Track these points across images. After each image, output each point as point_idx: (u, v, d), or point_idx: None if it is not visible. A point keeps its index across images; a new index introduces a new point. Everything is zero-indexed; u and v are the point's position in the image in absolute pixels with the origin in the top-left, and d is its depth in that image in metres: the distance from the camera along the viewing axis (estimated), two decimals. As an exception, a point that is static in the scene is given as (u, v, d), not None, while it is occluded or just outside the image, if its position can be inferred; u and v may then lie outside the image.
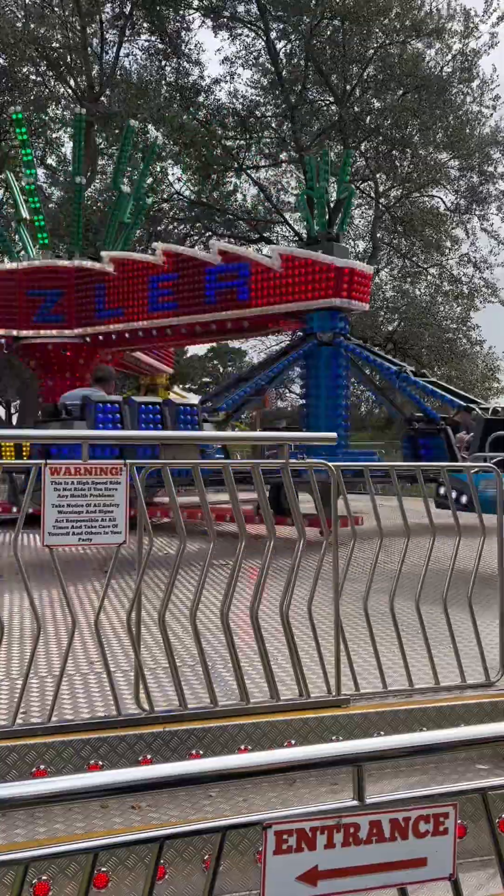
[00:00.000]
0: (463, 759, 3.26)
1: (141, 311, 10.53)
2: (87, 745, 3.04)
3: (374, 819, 1.60)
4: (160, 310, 10.30)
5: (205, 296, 9.81)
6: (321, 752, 1.62)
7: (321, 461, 3.78)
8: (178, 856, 2.69)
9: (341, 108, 24.87)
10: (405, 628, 3.80)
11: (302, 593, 3.70)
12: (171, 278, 10.17)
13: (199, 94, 26.18)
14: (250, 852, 2.74)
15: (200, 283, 9.87)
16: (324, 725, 3.29)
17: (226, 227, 28.12)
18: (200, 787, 2.94)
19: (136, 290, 10.54)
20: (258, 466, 3.51)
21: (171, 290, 10.16)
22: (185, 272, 10.08)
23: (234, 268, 9.65)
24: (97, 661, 3.84)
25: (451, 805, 1.65)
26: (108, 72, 25.61)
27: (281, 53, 25.81)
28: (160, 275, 10.31)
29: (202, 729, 3.18)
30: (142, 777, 1.60)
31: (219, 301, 9.71)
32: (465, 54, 24.91)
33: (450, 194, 27.08)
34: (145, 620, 3.57)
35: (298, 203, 12.94)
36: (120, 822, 2.80)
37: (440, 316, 26.60)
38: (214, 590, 5.16)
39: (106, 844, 1.54)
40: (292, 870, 1.54)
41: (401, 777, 3.12)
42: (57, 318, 11.29)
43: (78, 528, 3.10)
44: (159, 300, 10.27)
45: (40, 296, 11.31)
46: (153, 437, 4.59)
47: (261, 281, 9.46)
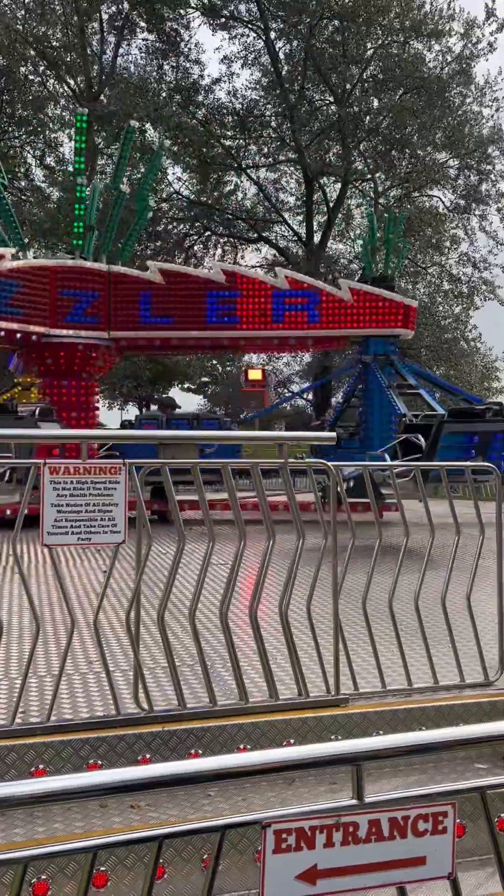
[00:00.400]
0: (462, 759, 3.26)
1: (197, 321, 11.79)
2: (87, 744, 3.04)
3: (373, 818, 1.60)
4: (218, 322, 11.82)
5: (271, 315, 11.77)
6: (319, 752, 1.61)
7: (320, 461, 3.78)
8: (177, 855, 2.69)
9: (340, 108, 24.85)
10: (404, 628, 3.80)
11: (301, 593, 3.70)
12: (232, 295, 11.79)
13: (198, 93, 26.15)
14: (249, 851, 2.74)
15: (267, 303, 11.79)
16: (323, 725, 3.29)
17: (225, 226, 28.11)
18: (199, 787, 2.95)
19: (191, 302, 11.80)
20: (257, 466, 3.51)
21: (233, 306, 11.78)
22: (250, 292, 11.88)
23: (304, 294, 11.86)
24: (96, 660, 3.84)
25: (450, 804, 1.65)
26: (107, 71, 25.60)
27: (280, 53, 25.80)
28: (219, 291, 11.79)
29: (201, 728, 3.18)
30: (140, 776, 1.60)
31: (287, 321, 11.78)
32: (463, 57, 24.90)
33: (449, 194, 27.10)
34: (144, 620, 3.57)
35: (362, 251, 15.59)
36: (119, 822, 2.81)
37: (440, 315, 26.59)
38: (214, 589, 5.17)
39: (104, 844, 1.53)
40: (291, 869, 1.53)
41: (400, 776, 3.13)
42: (91, 320, 11.62)
43: (77, 528, 3.10)
44: (218, 314, 11.80)
45: (74, 296, 11.53)
46: (152, 436, 4.59)
47: (330, 308, 11.76)
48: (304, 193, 27.14)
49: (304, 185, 27.05)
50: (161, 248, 26.85)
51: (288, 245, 28.51)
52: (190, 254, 28.22)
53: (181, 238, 27.70)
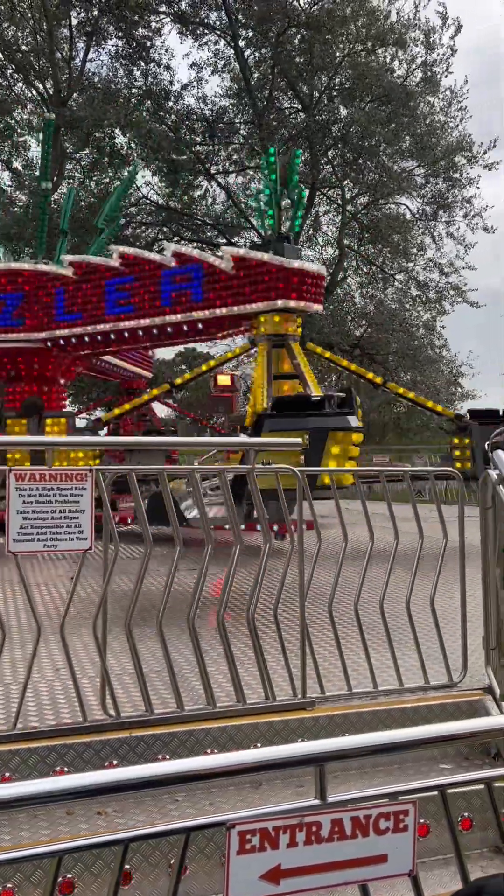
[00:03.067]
0: (426, 760, 3.31)
1: (97, 314, 10.40)
2: (53, 751, 3.04)
3: (336, 818, 1.63)
4: (116, 312, 10.21)
5: (160, 298, 9.77)
6: (284, 753, 1.64)
7: (287, 466, 3.82)
8: (144, 861, 2.70)
9: (308, 115, 25.05)
10: (370, 631, 3.84)
11: (269, 597, 3.73)
12: (128, 281, 10.08)
13: (168, 98, 26.18)
14: (216, 855, 2.75)
15: (157, 286, 9.81)
16: (289, 728, 3.32)
17: (193, 231, 28.12)
18: (166, 791, 2.95)
19: (94, 294, 10.42)
20: (224, 472, 3.54)
21: (129, 293, 10.06)
22: (142, 275, 10.03)
23: (188, 270, 9.64)
24: (63, 667, 3.83)
25: (411, 803, 1.68)
26: (76, 76, 25.51)
27: (249, 61, 25.91)
28: (117, 278, 10.19)
29: (168, 734, 3.19)
30: (107, 780, 1.61)
31: (173, 304, 9.68)
32: (427, 65, 25.26)
33: (416, 201, 27.41)
34: (111, 627, 3.57)
35: (252, 206, 13.00)
36: (86, 828, 2.80)
37: (407, 322, 26.86)
38: (182, 595, 5.17)
39: (69, 848, 1.54)
40: (255, 869, 1.56)
41: (365, 779, 3.16)
42: (18, 323, 11.05)
43: (43, 535, 3.10)
44: (117, 303, 10.18)
45: (2, 299, 11.06)
46: (120, 442, 4.59)
47: (213, 283, 9.40)
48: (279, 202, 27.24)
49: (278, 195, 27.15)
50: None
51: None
52: (158, 259, 28.16)
53: (150, 242, 27.65)
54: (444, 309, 27.64)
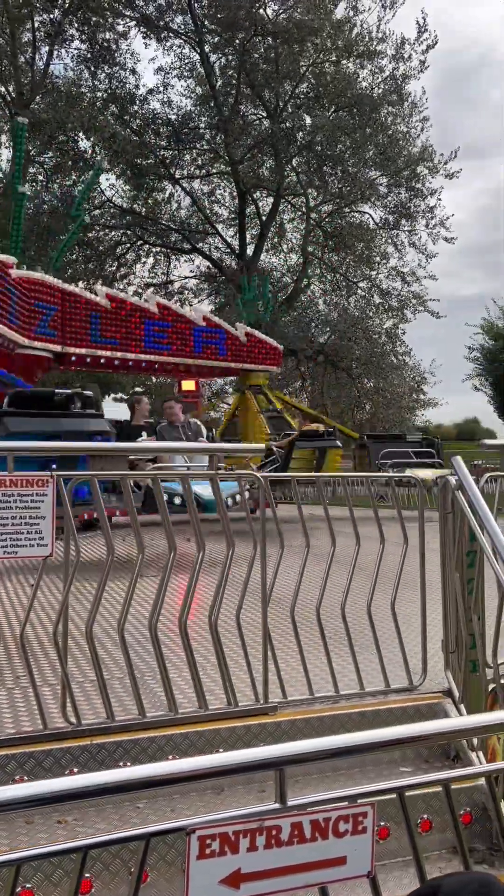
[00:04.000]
0: (387, 763, 3.34)
1: (134, 345, 13.43)
2: (13, 760, 3.00)
3: (296, 821, 1.64)
4: (154, 348, 13.72)
5: (193, 346, 14.25)
6: (243, 757, 1.65)
7: (249, 472, 3.83)
8: (104, 869, 2.68)
9: (273, 123, 25.18)
10: (331, 636, 3.87)
11: (231, 602, 3.73)
12: (165, 326, 13.81)
13: (133, 102, 26.10)
14: (178, 862, 2.74)
15: (190, 337, 14.21)
16: (251, 733, 3.33)
17: (158, 236, 28.07)
18: (128, 799, 2.94)
19: (131, 327, 13.39)
20: (188, 477, 3.54)
21: (166, 335, 13.85)
22: (177, 325, 14.04)
23: (215, 332, 14.66)
24: (23, 674, 3.79)
25: (370, 805, 1.70)
26: (38, 79, 25.32)
27: (215, 66, 25.97)
28: (156, 321, 13.66)
29: (130, 741, 3.18)
30: (66, 787, 1.60)
31: (204, 352, 14.48)
32: (395, 78, 25.55)
33: (379, 210, 27.70)
34: (72, 633, 3.54)
35: (236, 310, 18.91)
36: (45, 838, 2.77)
37: (370, 330, 27.11)
38: (143, 601, 5.15)
39: (27, 857, 1.53)
40: (215, 873, 1.56)
41: (326, 782, 3.18)
42: (51, 333, 12.19)
43: (3, 541, 3.07)
44: (154, 340, 13.65)
45: (43, 309, 11.95)
46: (82, 448, 4.57)
47: (231, 346, 14.99)
48: (238, 206, 27.36)
49: (237, 198, 27.26)
50: (91, 256, 26.65)
51: (221, 257, 28.66)
52: (122, 262, 28.07)
53: (112, 246, 27.52)
54: (406, 317, 27.98)
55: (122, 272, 27.78)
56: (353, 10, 25.32)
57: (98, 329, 12.89)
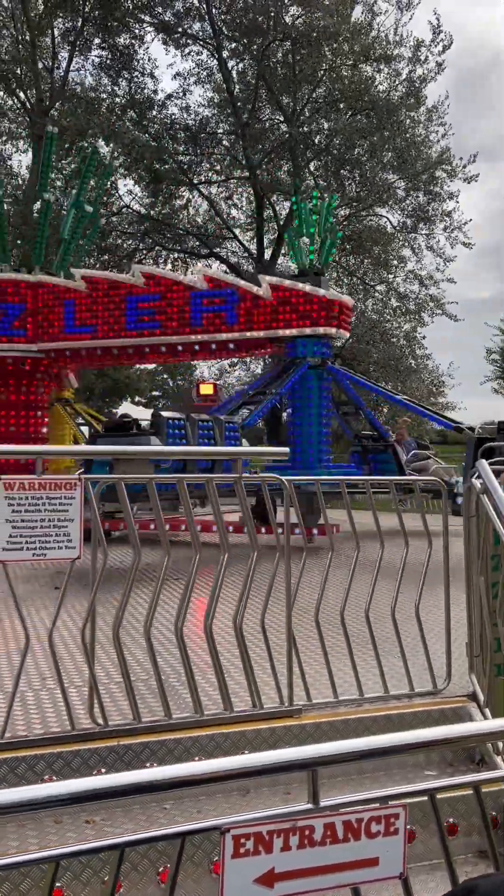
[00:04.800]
0: (412, 766, 3.34)
1: (117, 328, 10.91)
2: (41, 760, 3.04)
3: (328, 821, 1.65)
4: (140, 328, 10.77)
5: (190, 317, 10.49)
6: (276, 758, 1.66)
7: (273, 475, 3.85)
8: (132, 869, 2.70)
9: (291, 127, 25.23)
10: (355, 639, 3.88)
11: (256, 606, 3.75)
12: (153, 299, 10.69)
13: (152, 108, 26.26)
14: (205, 863, 2.76)
15: (187, 305, 10.51)
16: (277, 735, 3.34)
17: (175, 241, 28.18)
18: (156, 798, 2.97)
19: (112, 308, 10.94)
20: (212, 481, 3.57)
21: (154, 311, 10.67)
22: (168, 294, 10.65)
23: (222, 294, 10.45)
24: (50, 676, 3.83)
25: (402, 806, 1.71)
26: (59, 86, 25.53)
27: (233, 72, 26.08)
28: (139, 295, 10.77)
29: (156, 742, 3.20)
30: (97, 786, 1.62)
31: (206, 324, 10.45)
32: (412, 81, 25.50)
33: (396, 213, 27.66)
34: (98, 636, 3.57)
35: (287, 241, 13.83)
36: (74, 837, 2.80)
37: (388, 333, 27.06)
38: (169, 604, 5.18)
39: (67, 853, 1.55)
40: (250, 873, 1.58)
41: (352, 785, 3.19)
42: (19, 333, 11.38)
43: (32, 543, 3.11)
44: (140, 319, 10.76)
45: (2, 309, 11.36)
46: (110, 451, 4.60)
47: (249, 308, 10.24)
48: (255, 210, 27.43)
49: (254, 203, 27.32)
50: (110, 262, 26.80)
51: (239, 261, 28.72)
52: (140, 268, 28.18)
53: (130, 252, 27.66)
54: (423, 320, 27.89)
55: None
56: (370, 14, 25.35)
57: (73, 317, 11.18)
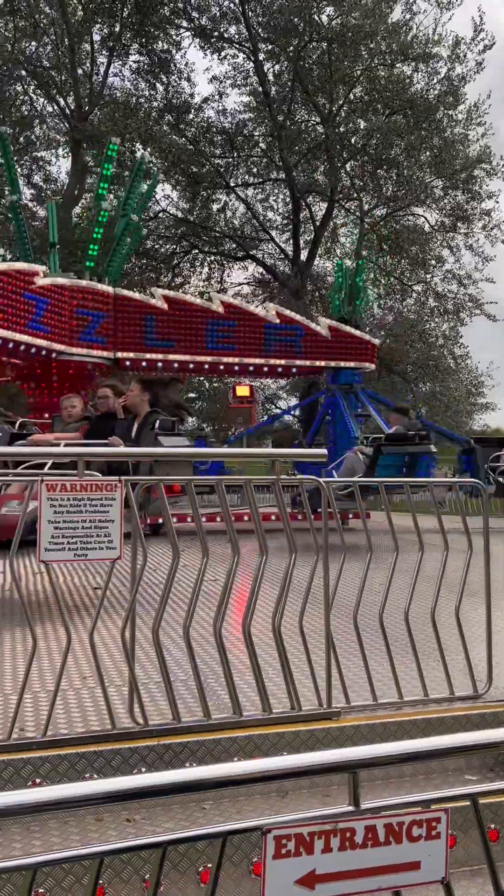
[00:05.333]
0: (452, 771, 3.32)
1: (195, 346, 12.83)
2: (83, 758, 3.07)
3: (370, 824, 1.65)
4: (218, 348, 12.99)
5: (263, 344, 13.26)
6: (317, 760, 1.67)
7: (312, 477, 3.85)
8: (173, 868, 2.72)
9: (327, 127, 25.18)
10: (394, 641, 3.86)
11: (293, 607, 3.75)
12: (229, 325, 13.02)
13: (188, 111, 26.42)
14: (244, 864, 2.77)
15: (260, 334, 13.21)
16: (315, 738, 3.34)
17: (212, 244, 28.31)
18: (195, 798, 2.99)
19: (192, 328, 12.82)
20: (250, 483, 3.58)
21: (230, 335, 13.05)
22: (244, 322, 13.19)
23: (291, 328, 13.47)
24: (90, 676, 3.87)
25: (443, 810, 1.71)
26: (97, 91, 25.82)
27: (269, 74, 26.12)
28: (219, 320, 12.93)
29: (196, 742, 3.22)
30: (140, 785, 1.64)
31: (276, 351, 13.36)
32: (450, 79, 25.27)
33: (434, 213, 27.43)
34: (137, 636, 3.60)
35: (330, 295, 16.88)
36: (115, 836, 2.83)
37: (426, 333, 26.85)
38: (207, 604, 5.20)
39: (113, 850, 1.58)
40: (291, 874, 1.58)
41: (390, 789, 3.18)
42: (100, 340, 12.20)
43: (73, 544, 3.15)
44: (217, 341, 12.96)
45: (87, 316, 11.99)
46: (149, 453, 4.65)
47: (310, 342, 13.56)
48: (291, 212, 27.42)
49: (291, 204, 27.32)
50: (148, 266, 27.01)
51: (275, 263, 28.74)
52: (176, 272, 28.37)
53: (169, 256, 27.86)
54: (462, 320, 27.61)
55: (178, 281, 28.07)
56: (409, 13, 25.21)
57: (153, 332, 12.60)
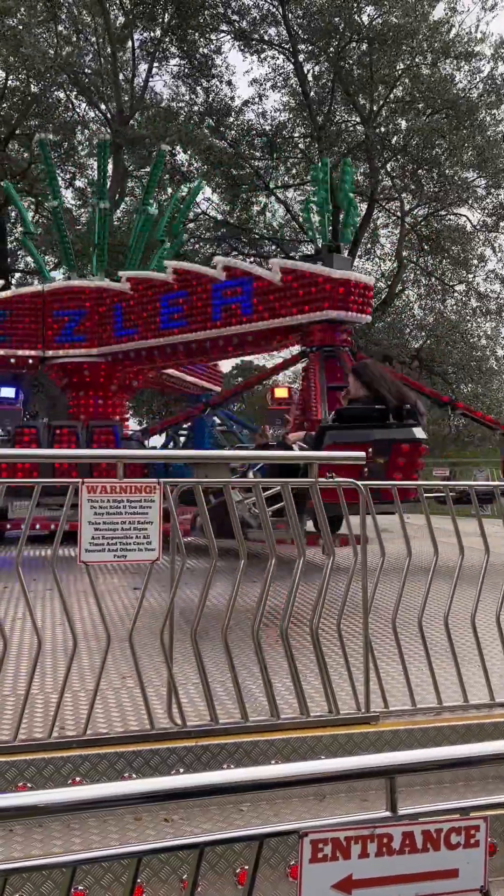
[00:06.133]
0: (493, 777, 3.27)
1: (153, 329, 10.54)
2: (122, 758, 3.11)
3: (407, 830, 1.64)
4: (170, 327, 10.33)
5: (210, 312, 9.81)
6: (355, 764, 1.66)
7: (350, 480, 3.83)
8: (210, 869, 2.73)
9: (367, 128, 25.07)
10: (433, 646, 3.82)
11: (332, 610, 3.74)
12: (181, 295, 10.15)
13: (229, 115, 26.54)
14: (281, 867, 2.77)
15: (208, 299, 9.86)
16: (353, 742, 3.32)
17: (251, 246, 28.36)
18: (233, 800, 2.99)
19: (149, 309, 10.58)
20: (288, 485, 3.58)
21: (181, 308, 10.14)
22: (194, 289, 10.06)
23: (237, 283, 9.64)
24: (128, 676, 3.91)
25: (482, 818, 1.69)
26: (138, 96, 26.06)
27: (309, 75, 26.10)
28: (171, 293, 10.30)
29: (233, 744, 3.23)
30: (179, 785, 1.66)
31: (224, 317, 9.69)
32: (493, 78, 24.98)
33: (476, 212, 27.12)
34: (176, 637, 3.62)
35: (303, 217, 13.14)
36: (153, 835, 2.86)
37: (468, 333, 26.55)
38: (245, 607, 5.21)
39: (151, 849, 1.59)
40: (328, 878, 1.58)
41: (429, 794, 3.15)
42: (79, 339, 11.61)
43: (113, 545, 3.18)
44: (170, 318, 10.29)
45: (64, 316, 11.66)
46: (186, 455, 4.68)
47: (262, 296, 9.38)
48: (331, 213, 27.33)
49: (330, 205, 27.24)
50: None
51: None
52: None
53: (207, 258, 28.00)
54: (503, 320, 27.25)
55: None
56: (451, 11, 24.98)
57: (120, 320, 10.95)
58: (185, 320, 10.09)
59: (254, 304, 9.44)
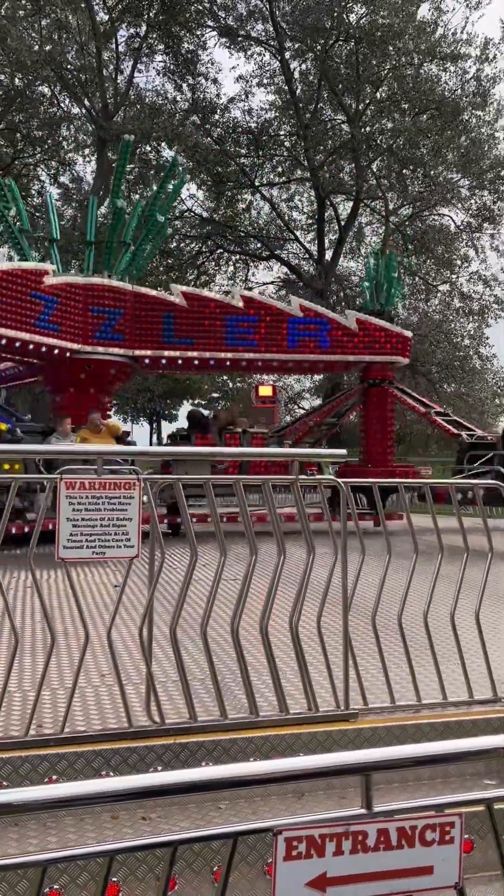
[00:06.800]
0: (470, 775, 3.28)
1: (213, 343, 12.44)
2: (99, 756, 3.09)
3: (382, 827, 1.64)
4: (235, 345, 12.54)
5: (287, 340, 12.69)
6: (331, 761, 1.66)
7: (330, 477, 3.83)
8: (187, 867, 2.73)
9: (353, 127, 25.08)
10: (413, 643, 3.83)
11: (311, 608, 3.74)
12: (250, 320, 12.50)
13: (214, 112, 26.45)
14: (259, 864, 2.77)
15: (283, 329, 12.64)
16: (332, 739, 3.32)
17: (237, 244, 28.32)
18: (211, 798, 2.98)
19: (207, 325, 12.43)
20: (269, 482, 3.57)
21: (250, 330, 12.53)
22: (262, 318, 12.62)
23: (313, 322, 12.83)
24: (108, 674, 3.89)
25: (457, 815, 1.68)
26: (123, 91, 25.93)
27: (295, 73, 26.07)
28: (238, 315, 12.46)
29: (212, 741, 3.22)
30: (156, 783, 1.64)
31: (301, 346, 12.74)
32: (479, 80, 25.05)
33: (460, 213, 27.22)
34: (155, 635, 3.61)
35: (363, 287, 16.15)
36: (131, 833, 2.84)
37: (452, 333, 26.64)
38: (225, 604, 5.20)
39: (122, 848, 1.58)
40: (302, 876, 1.57)
41: (407, 791, 3.15)
42: (118, 337, 12.07)
43: (92, 542, 3.16)
44: (237, 337, 12.51)
45: (102, 314, 11.92)
46: (164, 452, 4.66)
47: (337, 336, 12.81)
48: (316, 212, 27.36)
49: (316, 204, 27.27)
50: (173, 266, 27.09)
51: (300, 263, 28.69)
52: (201, 271, 28.43)
53: (193, 256, 27.93)
54: (487, 321, 27.37)
55: (202, 280, 28.14)
56: (436, 11, 25.02)
57: (172, 329, 12.33)
58: (255, 342, 12.58)
59: (330, 341, 12.76)
